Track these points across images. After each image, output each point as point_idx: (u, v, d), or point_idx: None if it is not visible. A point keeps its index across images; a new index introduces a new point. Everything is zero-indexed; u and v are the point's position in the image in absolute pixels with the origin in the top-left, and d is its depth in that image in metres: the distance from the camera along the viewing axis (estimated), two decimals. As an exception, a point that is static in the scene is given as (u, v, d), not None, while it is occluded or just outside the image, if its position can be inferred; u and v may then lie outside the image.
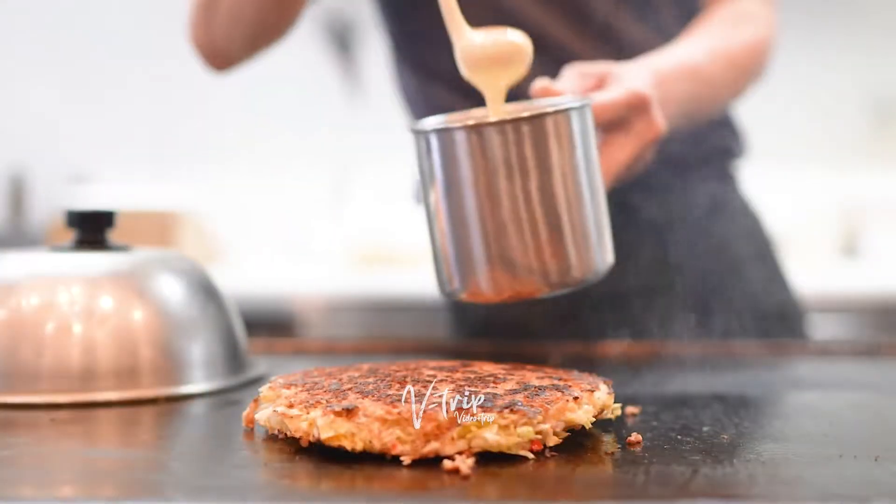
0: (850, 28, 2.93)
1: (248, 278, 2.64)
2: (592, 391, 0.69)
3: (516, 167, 0.74)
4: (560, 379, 0.71)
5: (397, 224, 2.84)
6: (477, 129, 0.74)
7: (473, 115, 0.83)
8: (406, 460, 0.60)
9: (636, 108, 0.85)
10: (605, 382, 0.72)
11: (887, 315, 2.49)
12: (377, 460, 0.61)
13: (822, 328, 1.66)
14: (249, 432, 0.70)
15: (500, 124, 0.74)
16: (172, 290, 0.87)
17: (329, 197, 3.11)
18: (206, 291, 0.90)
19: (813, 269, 2.58)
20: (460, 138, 0.75)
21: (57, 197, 3.00)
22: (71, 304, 0.83)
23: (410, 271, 2.67)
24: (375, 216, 2.98)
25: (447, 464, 0.59)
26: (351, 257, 2.94)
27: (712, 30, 1.10)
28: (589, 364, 0.91)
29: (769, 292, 1.23)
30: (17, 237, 3.00)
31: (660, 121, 0.86)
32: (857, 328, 2.46)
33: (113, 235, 0.91)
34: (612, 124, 0.85)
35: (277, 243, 3.12)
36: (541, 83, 0.85)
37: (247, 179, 3.12)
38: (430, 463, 0.60)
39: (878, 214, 2.96)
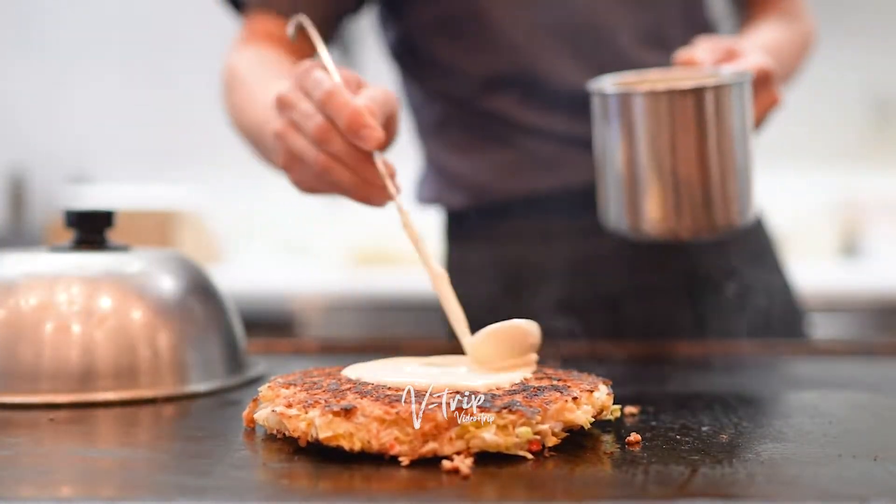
0: (851, 28, 2.93)
1: (247, 278, 2.64)
2: (591, 391, 0.68)
3: (697, 126, 0.88)
4: (559, 379, 0.71)
5: (397, 224, 2.84)
6: (676, 93, 0.88)
7: (651, 79, 0.95)
8: (404, 461, 0.60)
9: (761, 81, 0.93)
10: (604, 383, 0.72)
11: (887, 315, 2.49)
12: (376, 460, 0.61)
13: (822, 328, 1.66)
14: (249, 432, 0.70)
15: (696, 91, 0.87)
16: (171, 290, 0.87)
17: (329, 197, 3.10)
18: (206, 291, 0.90)
19: (813, 269, 2.58)
20: (663, 100, 0.88)
21: (57, 197, 3.00)
22: (70, 304, 0.83)
23: (410, 271, 2.67)
24: (375, 216, 2.98)
25: (446, 464, 0.59)
26: (350, 257, 2.94)
27: (778, 21, 1.21)
28: (588, 364, 0.91)
29: (770, 292, 1.23)
30: (16, 237, 3.00)
31: (779, 91, 0.95)
32: (856, 328, 2.46)
33: (112, 235, 0.91)
34: None
35: (277, 243, 3.12)
36: (686, 54, 0.95)
37: (247, 179, 3.12)
38: (428, 463, 0.60)
39: (878, 214, 2.96)
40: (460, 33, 1.17)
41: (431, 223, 1.34)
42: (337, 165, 0.80)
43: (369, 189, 0.82)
